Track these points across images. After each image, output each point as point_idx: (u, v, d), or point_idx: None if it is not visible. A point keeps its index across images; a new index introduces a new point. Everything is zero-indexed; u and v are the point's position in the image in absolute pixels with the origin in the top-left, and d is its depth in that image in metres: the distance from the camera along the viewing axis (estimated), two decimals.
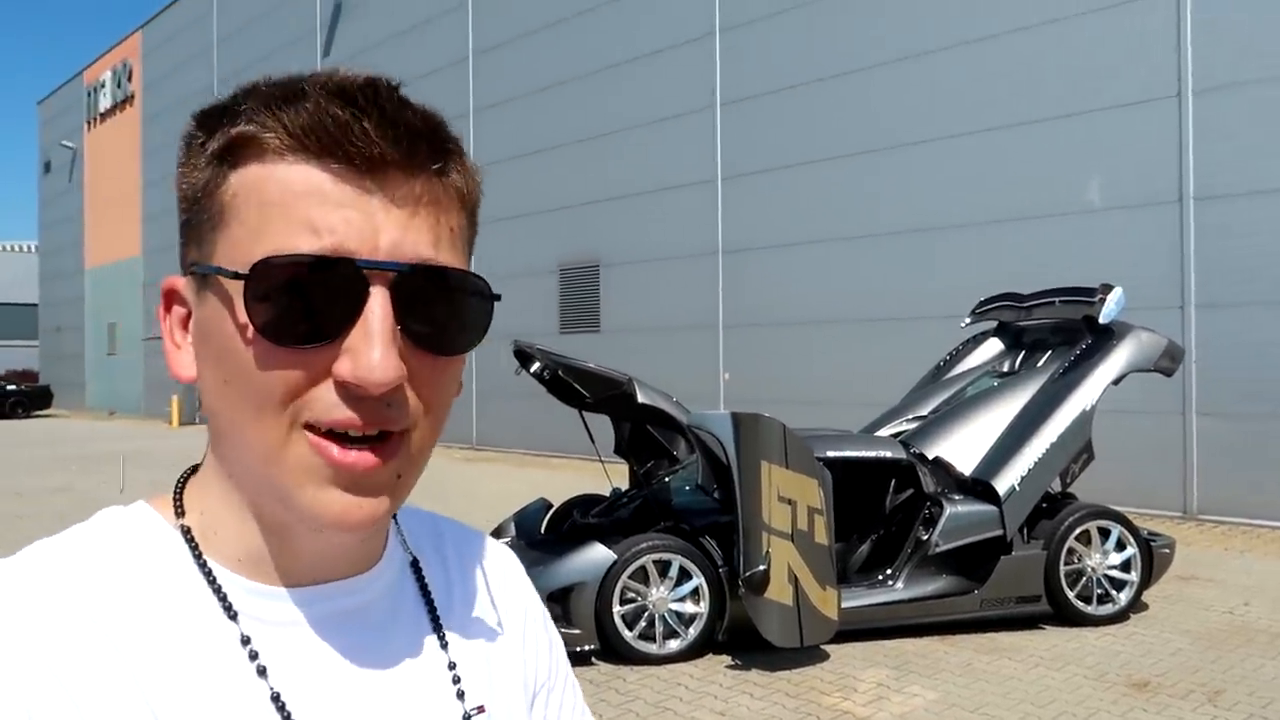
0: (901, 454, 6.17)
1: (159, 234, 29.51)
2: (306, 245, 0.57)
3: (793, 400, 12.61)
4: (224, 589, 0.64)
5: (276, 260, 0.57)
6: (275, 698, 0.63)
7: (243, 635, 0.63)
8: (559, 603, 5.31)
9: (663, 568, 5.42)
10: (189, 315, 0.64)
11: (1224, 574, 7.29)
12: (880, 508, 6.32)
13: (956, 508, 5.90)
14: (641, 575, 5.39)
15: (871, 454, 6.17)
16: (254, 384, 0.58)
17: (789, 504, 5.20)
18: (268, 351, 0.58)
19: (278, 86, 0.59)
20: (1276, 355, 9.06)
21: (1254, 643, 5.61)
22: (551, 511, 6.76)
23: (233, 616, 0.63)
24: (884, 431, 6.81)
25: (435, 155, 0.61)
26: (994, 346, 7.27)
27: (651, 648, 5.36)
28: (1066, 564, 5.96)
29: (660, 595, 5.39)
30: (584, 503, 6.83)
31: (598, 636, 5.32)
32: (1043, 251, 10.47)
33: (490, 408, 17.47)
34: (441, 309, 0.60)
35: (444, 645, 0.73)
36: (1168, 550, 6.31)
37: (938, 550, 5.83)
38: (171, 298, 0.65)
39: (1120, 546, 6.06)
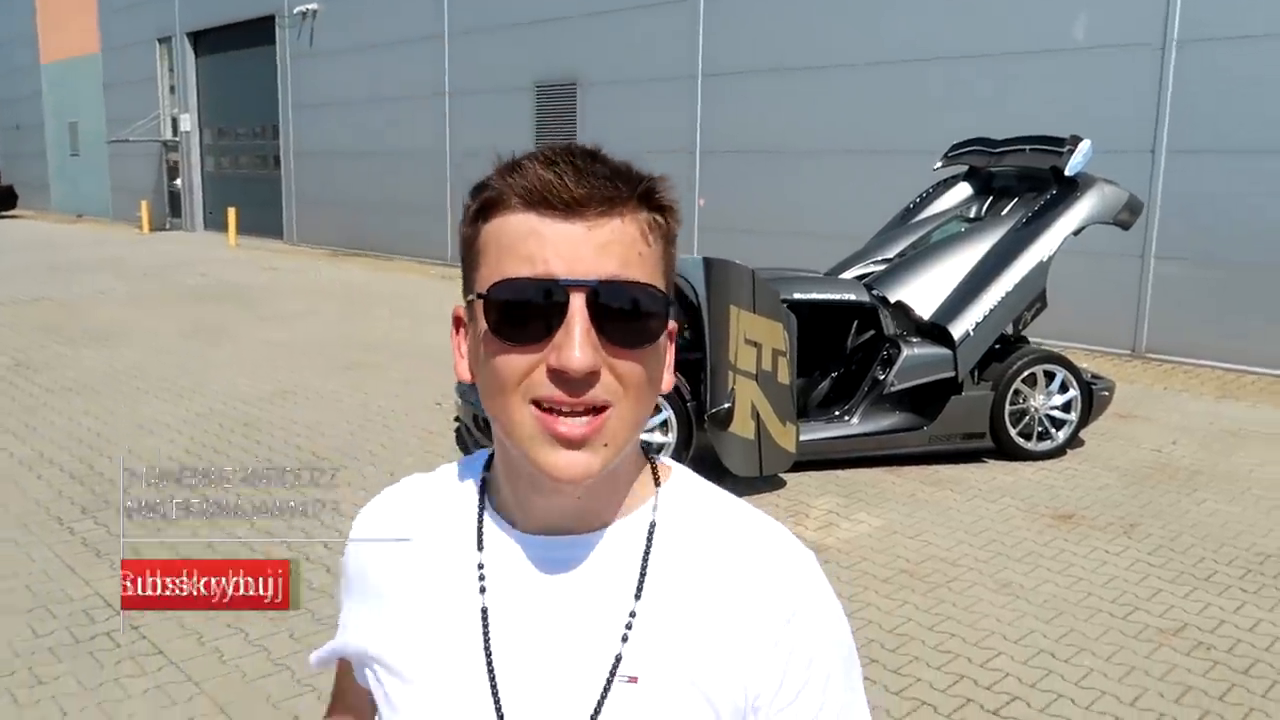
0: (865, 297, 6.43)
1: (118, 31, 28.23)
2: (525, 271, 0.79)
3: (766, 231, 12.77)
4: (485, 524, 0.90)
5: (505, 282, 0.79)
6: (483, 611, 0.87)
7: (480, 561, 0.88)
8: None
9: None
10: (466, 333, 0.88)
11: (1159, 413, 7.77)
12: (841, 347, 6.64)
13: (913, 350, 6.22)
14: None
15: (836, 297, 6.43)
16: (495, 373, 0.81)
17: (754, 346, 5.49)
18: (500, 348, 0.80)
19: (509, 163, 0.82)
20: (1238, 205, 9.28)
21: (1174, 479, 6.11)
22: None
23: (480, 546, 0.89)
24: (850, 273, 7.05)
25: (621, 197, 0.80)
26: (963, 191, 7.43)
27: None
28: (1011, 404, 6.36)
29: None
30: None
31: None
32: (1021, 89, 10.44)
33: None
34: (625, 312, 0.79)
35: (632, 613, 0.85)
36: (1107, 393, 6.73)
37: (892, 389, 6.20)
38: (458, 321, 0.90)
39: (1063, 389, 6.45)
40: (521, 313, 0.78)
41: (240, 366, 9.14)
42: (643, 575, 0.85)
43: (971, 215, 7.20)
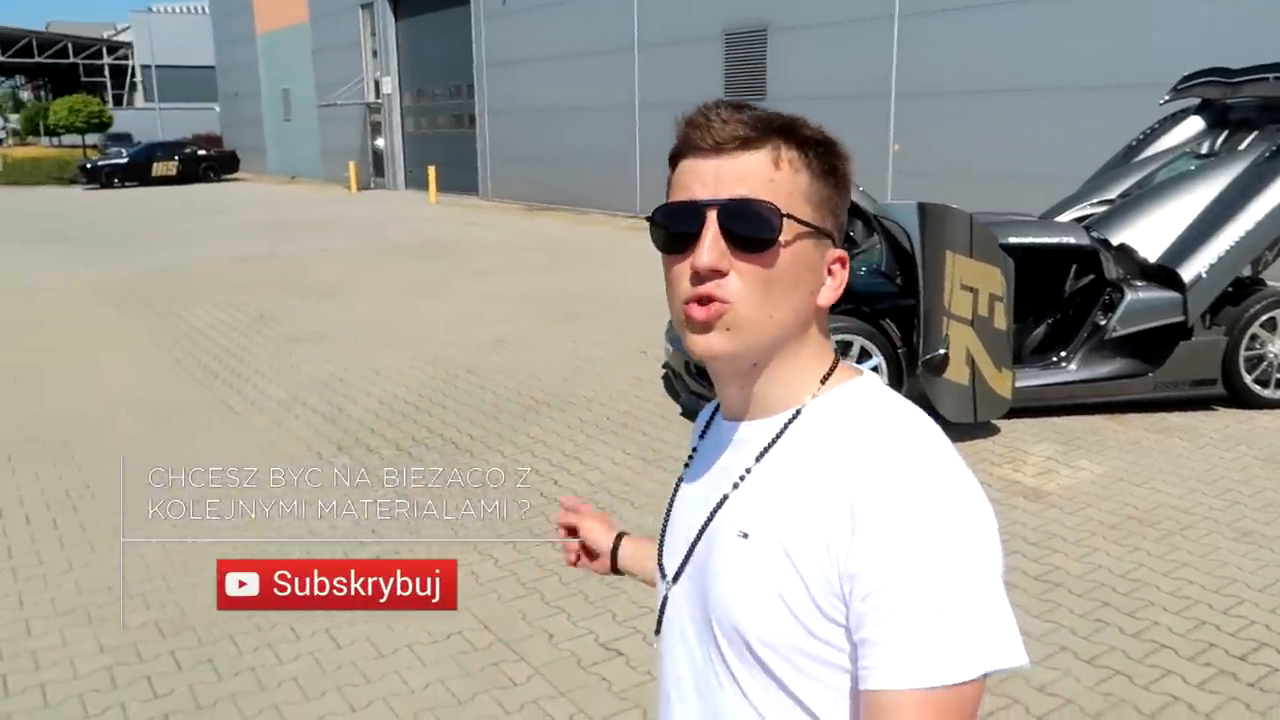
0: (1085, 240, 6.21)
1: (325, 0, 29.90)
2: (679, 197, 0.99)
3: (965, 177, 12.37)
4: (714, 418, 1.14)
5: (662, 205, 1.01)
6: (678, 481, 1.15)
7: (695, 445, 1.17)
8: None
9: (844, 348, 5.81)
10: None
11: None
12: (1060, 291, 6.46)
13: (1138, 294, 5.99)
14: None
15: (1054, 240, 6.24)
16: (666, 279, 1.01)
17: (971, 291, 5.43)
18: (666, 260, 1.01)
19: (683, 121, 1.00)
20: None
21: None
22: None
23: (702, 435, 1.17)
24: (1069, 216, 6.81)
25: (753, 136, 0.97)
26: (1194, 125, 7.01)
27: None
28: (1247, 350, 6.04)
29: None
30: None
31: None
32: (1258, 17, 9.64)
33: (655, 176, 17.73)
34: (745, 223, 0.96)
35: (747, 469, 1.02)
36: None
37: (1114, 335, 5.99)
38: None
39: None
40: (673, 228, 0.98)
41: (459, 318, 9.73)
42: (768, 447, 1.00)
43: (1204, 151, 6.79)
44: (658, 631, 1.13)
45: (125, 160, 32.34)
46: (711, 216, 0.95)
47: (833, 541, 0.90)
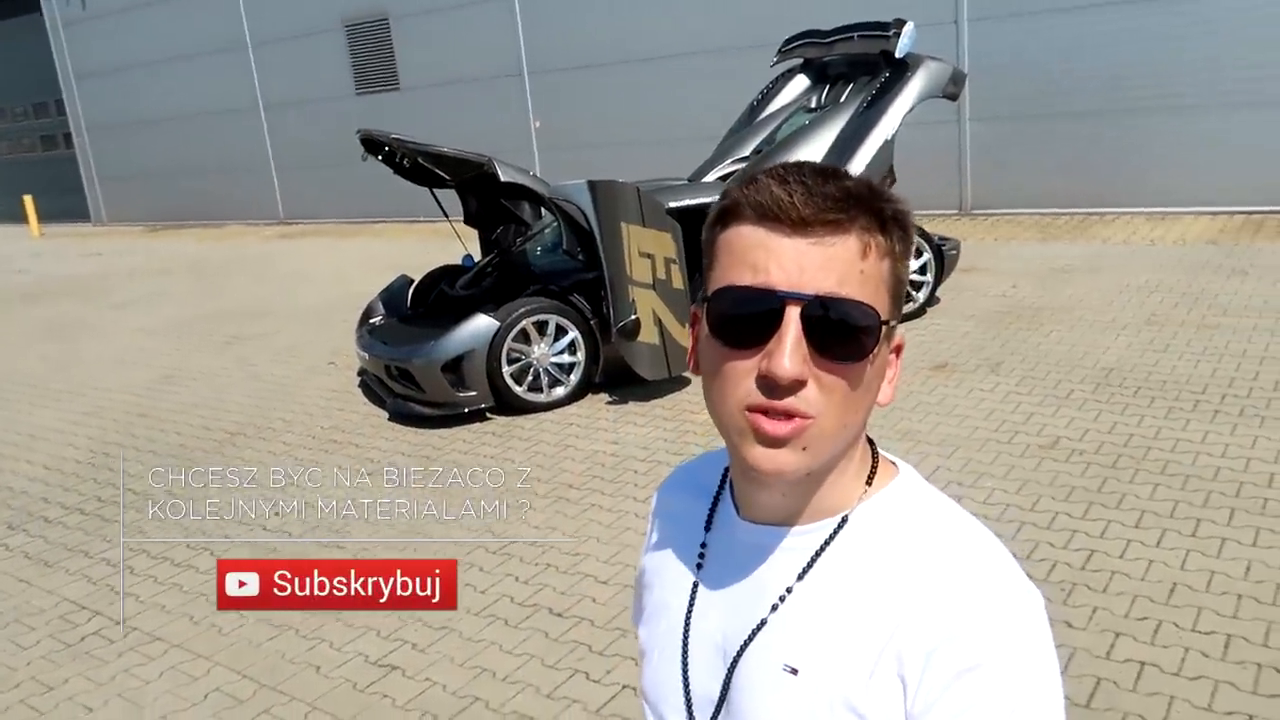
0: None
1: None
2: (748, 280, 0.83)
3: (608, 143, 13.02)
4: (717, 507, 1.00)
5: (729, 287, 0.84)
6: (694, 585, 0.98)
7: (704, 540, 1.00)
8: (452, 371, 5.89)
9: (540, 327, 6.05)
10: (698, 330, 0.92)
11: (994, 262, 8.62)
12: None
13: None
14: (523, 336, 6.01)
15: (708, 200, 6.82)
16: (715, 372, 0.87)
17: (648, 257, 5.85)
18: (720, 351, 0.85)
19: (749, 176, 0.87)
20: (1037, 66, 10.15)
21: (1021, 318, 6.89)
22: (414, 285, 7.17)
23: (708, 526, 1.00)
24: (711, 176, 7.45)
25: (847, 215, 0.82)
26: (801, 83, 7.90)
27: (540, 397, 6.08)
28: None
29: (542, 351, 6.06)
30: (445, 275, 7.24)
31: (492, 395, 5.97)
32: None
33: (293, 179, 16.96)
34: (837, 328, 0.82)
35: (788, 589, 0.90)
36: (955, 252, 7.45)
37: None
38: (695, 319, 0.92)
39: (918, 254, 7.11)
40: (741, 319, 0.83)
41: (112, 359, 8.88)
42: (812, 561, 0.89)
43: (813, 105, 7.69)
44: None
45: None
46: (794, 315, 0.81)
47: (898, 680, 0.82)
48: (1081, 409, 5.19)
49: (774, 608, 0.89)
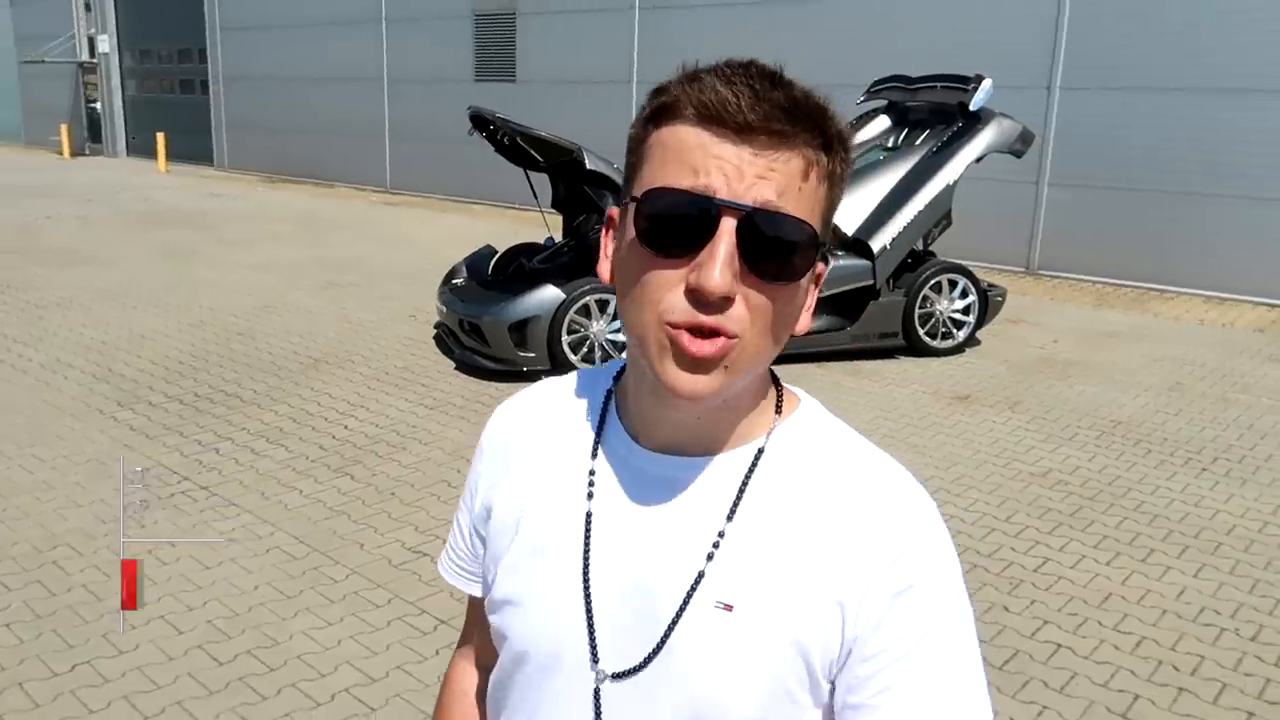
0: None
1: None
2: (685, 182, 0.76)
3: None
4: (604, 431, 0.92)
5: (662, 189, 0.77)
6: (587, 516, 0.88)
7: (592, 467, 0.90)
8: (518, 332, 6.54)
9: (602, 305, 6.66)
10: (615, 234, 0.86)
11: (1045, 318, 8.99)
12: None
13: (838, 261, 7.24)
14: (584, 311, 6.63)
15: None
16: (636, 281, 0.79)
17: None
18: (644, 257, 0.78)
19: (689, 72, 0.81)
20: (1120, 137, 10.48)
21: (1053, 369, 7.29)
22: (497, 256, 7.85)
23: (594, 453, 0.91)
24: None
25: (794, 127, 0.76)
26: (882, 123, 8.40)
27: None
28: (921, 308, 7.45)
29: (600, 328, 6.68)
30: (526, 250, 7.91)
31: (549, 359, 6.59)
32: (931, 30, 11.42)
33: (403, 151, 17.93)
34: (772, 244, 0.76)
35: (720, 534, 0.83)
36: (1000, 299, 7.87)
37: (820, 295, 7.19)
38: (610, 223, 0.87)
39: (964, 295, 7.56)
40: (672, 223, 0.76)
41: (220, 285, 9.76)
42: (738, 498, 0.85)
43: (890, 145, 8.19)
44: None
45: None
46: (730, 225, 0.75)
47: (836, 607, 0.81)
48: (1080, 450, 5.61)
49: (709, 556, 0.83)
